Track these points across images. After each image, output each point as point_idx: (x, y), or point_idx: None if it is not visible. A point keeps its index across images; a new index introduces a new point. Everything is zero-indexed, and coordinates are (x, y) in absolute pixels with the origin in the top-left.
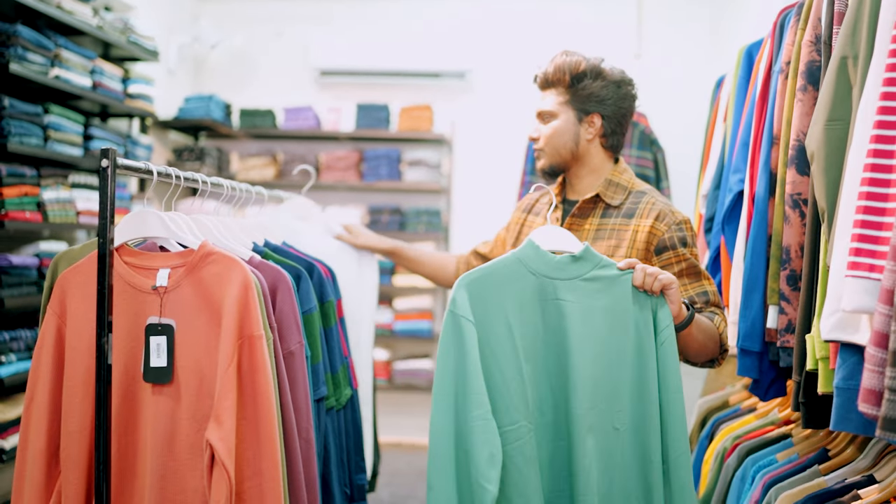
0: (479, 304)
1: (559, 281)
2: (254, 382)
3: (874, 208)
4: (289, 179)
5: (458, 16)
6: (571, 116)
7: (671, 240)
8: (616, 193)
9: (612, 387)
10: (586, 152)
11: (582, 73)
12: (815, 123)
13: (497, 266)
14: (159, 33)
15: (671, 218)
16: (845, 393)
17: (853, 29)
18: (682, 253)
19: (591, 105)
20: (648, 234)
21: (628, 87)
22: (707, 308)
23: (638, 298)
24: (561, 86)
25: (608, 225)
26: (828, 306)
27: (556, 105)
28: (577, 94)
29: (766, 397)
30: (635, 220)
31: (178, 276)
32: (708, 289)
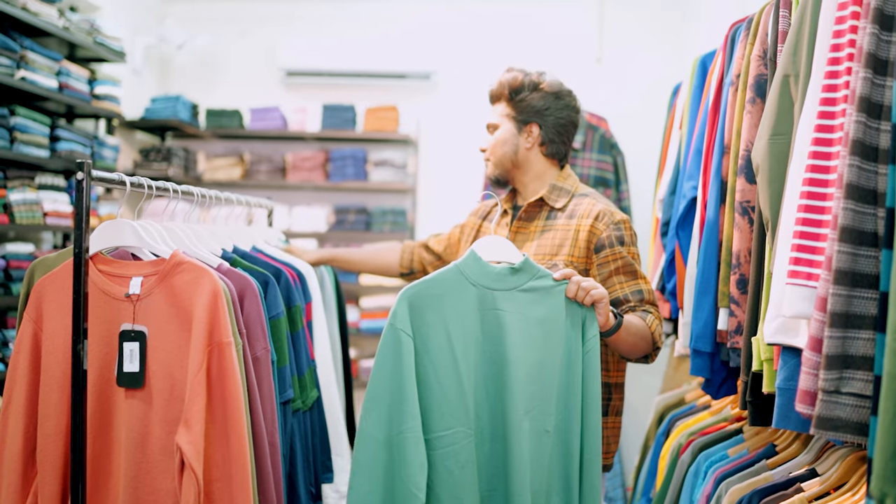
0: (420, 315)
1: (498, 291)
2: (223, 387)
3: (812, 220)
4: (255, 179)
5: (423, 17)
6: (511, 127)
7: (609, 238)
8: (560, 197)
9: (544, 392)
10: (526, 160)
11: (520, 87)
12: (760, 138)
13: (438, 277)
14: (125, 34)
15: (609, 218)
16: (786, 393)
17: (794, 49)
18: (618, 251)
19: (530, 116)
20: (588, 232)
21: (567, 98)
22: (641, 306)
23: (570, 308)
24: (503, 99)
25: (552, 226)
26: (770, 311)
27: (499, 117)
28: (516, 106)
29: (717, 395)
30: (576, 220)
31: (150, 284)
32: (643, 287)
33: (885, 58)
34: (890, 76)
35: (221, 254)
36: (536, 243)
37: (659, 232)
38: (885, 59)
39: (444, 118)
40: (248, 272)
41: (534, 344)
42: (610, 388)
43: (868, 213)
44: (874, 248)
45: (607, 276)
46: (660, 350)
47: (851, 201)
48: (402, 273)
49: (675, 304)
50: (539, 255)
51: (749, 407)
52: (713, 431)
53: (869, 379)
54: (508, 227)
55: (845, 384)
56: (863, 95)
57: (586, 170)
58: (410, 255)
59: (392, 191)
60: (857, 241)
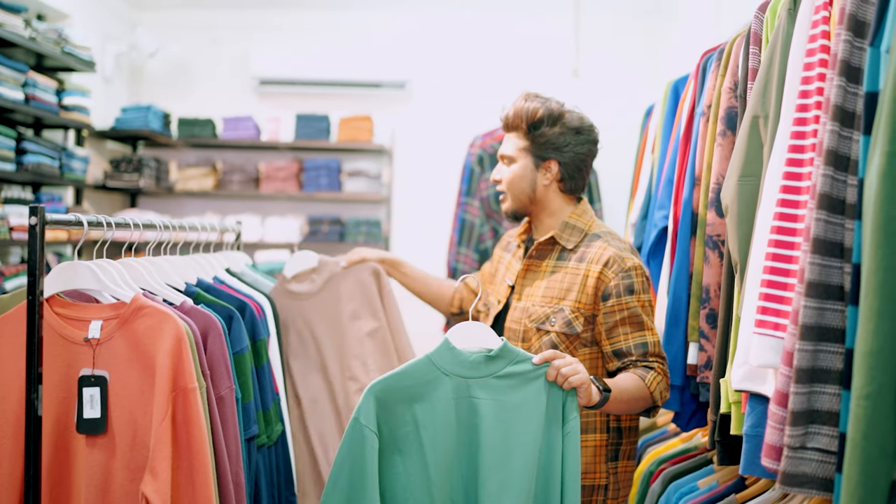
0: (387, 409)
1: (473, 379)
2: (188, 434)
3: (779, 269)
4: (228, 189)
5: (397, 26)
6: (529, 162)
7: (616, 288)
8: (571, 236)
9: (521, 477)
10: (544, 197)
11: (539, 121)
12: (730, 178)
13: (408, 370)
14: (95, 42)
15: (619, 265)
16: (753, 440)
17: (763, 90)
18: (625, 302)
19: (548, 152)
20: (597, 279)
21: (587, 133)
22: (644, 360)
23: (550, 391)
24: (520, 131)
25: (562, 268)
26: (738, 358)
27: (515, 150)
28: (534, 141)
29: (687, 428)
30: (586, 264)
31: (110, 328)
32: (648, 339)
33: (853, 110)
34: (857, 129)
35: (185, 288)
36: (545, 284)
37: None
38: (851, 111)
39: (418, 128)
40: (213, 307)
41: (510, 430)
42: (620, 433)
43: (835, 267)
44: (840, 302)
45: (612, 325)
46: (660, 408)
47: (818, 255)
48: (453, 313)
49: None
50: (547, 298)
51: (717, 447)
52: (684, 460)
53: (834, 434)
54: (521, 262)
55: (811, 439)
56: (830, 148)
57: None
58: (460, 295)
59: (366, 201)
60: (824, 295)
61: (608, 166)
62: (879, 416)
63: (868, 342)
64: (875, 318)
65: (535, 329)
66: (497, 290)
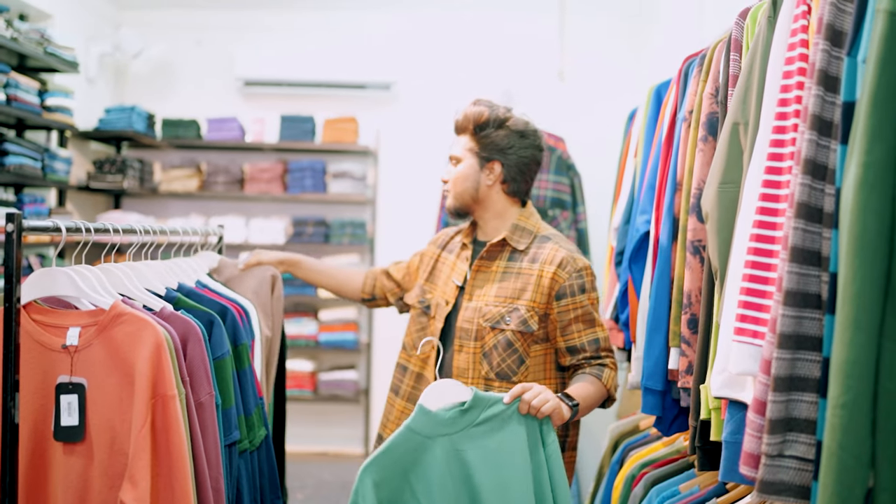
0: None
1: (454, 435)
2: (168, 441)
3: (758, 277)
4: (212, 191)
5: (383, 28)
6: (474, 163)
7: (571, 287)
8: (522, 238)
9: None
10: (487, 197)
11: (485, 123)
12: (710, 185)
13: (393, 444)
14: (78, 42)
15: (572, 266)
16: (732, 447)
17: (744, 97)
18: (578, 300)
19: (493, 153)
20: (551, 280)
21: (531, 137)
22: (597, 355)
23: (527, 423)
24: (468, 133)
25: (514, 268)
26: (717, 365)
27: (463, 151)
28: (480, 142)
29: (668, 433)
30: (539, 265)
31: (88, 335)
32: (599, 335)
33: (830, 119)
34: (834, 139)
35: (165, 293)
36: (498, 285)
37: (613, 261)
38: (829, 120)
39: (404, 129)
40: (193, 312)
41: (501, 471)
42: (567, 426)
43: (812, 276)
44: (818, 311)
45: (566, 323)
46: (615, 400)
47: (795, 264)
48: (364, 298)
49: (629, 335)
50: (501, 298)
51: (698, 452)
52: (666, 464)
53: (812, 442)
54: (469, 263)
55: (788, 447)
56: (808, 157)
57: (543, 191)
58: (373, 281)
59: (351, 202)
60: (802, 303)
61: (592, 169)
62: (855, 426)
63: (844, 352)
64: (851, 328)
65: (489, 328)
66: (443, 290)
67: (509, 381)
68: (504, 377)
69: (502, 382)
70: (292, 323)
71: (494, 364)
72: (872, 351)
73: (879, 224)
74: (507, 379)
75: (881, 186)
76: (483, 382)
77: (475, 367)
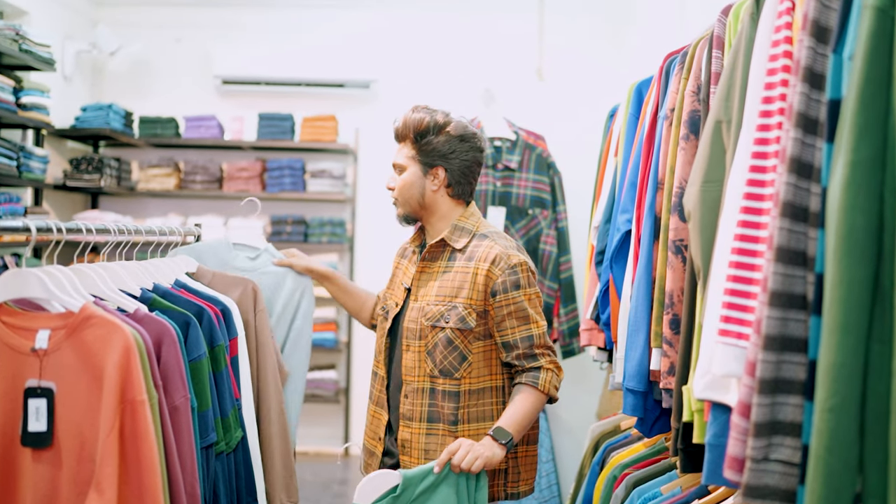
0: None
1: None
2: (137, 448)
3: (743, 278)
4: (191, 189)
5: (363, 26)
6: (417, 170)
7: (503, 284)
8: (461, 237)
9: None
10: (433, 202)
11: (425, 130)
12: (692, 184)
13: None
14: (55, 40)
15: (506, 262)
16: (716, 449)
17: (727, 94)
18: (511, 297)
19: (435, 159)
20: (485, 276)
21: (472, 140)
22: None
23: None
24: (409, 140)
25: (454, 267)
26: (700, 366)
27: (405, 158)
28: (422, 149)
29: (650, 434)
30: (475, 262)
31: (58, 338)
32: (534, 332)
33: (815, 117)
34: (820, 137)
35: (140, 293)
36: (438, 284)
37: (594, 261)
38: (815, 118)
39: (383, 128)
40: (168, 314)
41: None
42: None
43: (798, 277)
44: (804, 312)
45: (501, 319)
46: (556, 400)
47: (781, 264)
48: (373, 324)
49: (610, 336)
50: (440, 297)
51: (680, 454)
52: (648, 465)
53: (797, 446)
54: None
55: (774, 451)
56: (793, 156)
57: (523, 190)
58: (373, 306)
59: (330, 201)
60: (787, 304)
61: (572, 168)
62: (843, 430)
63: (831, 355)
64: (838, 331)
65: (430, 327)
66: (395, 293)
67: (452, 377)
68: (447, 374)
69: (446, 379)
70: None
71: (437, 361)
72: (860, 354)
73: (867, 224)
74: (450, 376)
75: (869, 186)
76: (428, 379)
77: (420, 366)
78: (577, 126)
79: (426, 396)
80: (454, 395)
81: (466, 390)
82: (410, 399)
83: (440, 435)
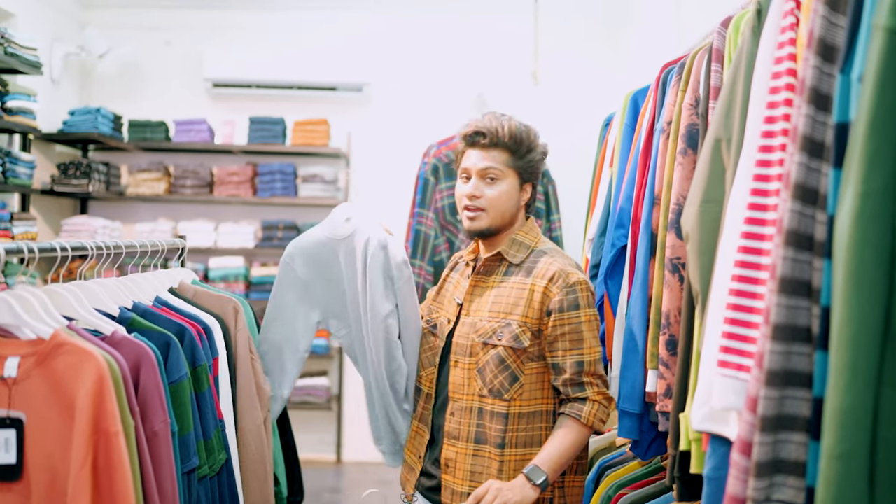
0: None
1: None
2: (111, 481)
3: (744, 307)
4: (181, 194)
5: (355, 29)
6: (516, 182)
7: (560, 303)
8: (518, 252)
9: None
10: (515, 218)
11: (522, 141)
12: (690, 204)
13: None
14: (42, 42)
15: (564, 280)
16: (714, 483)
17: (727, 111)
18: (566, 317)
19: (530, 175)
20: (542, 294)
21: (545, 157)
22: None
23: None
24: (503, 148)
25: (508, 283)
26: (698, 397)
27: (503, 165)
28: (520, 161)
29: (646, 456)
30: (532, 279)
31: (28, 365)
32: (585, 358)
33: (822, 141)
34: (826, 161)
35: (119, 313)
36: (492, 300)
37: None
38: (820, 142)
39: (376, 132)
40: (148, 334)
41: None
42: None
43: (802, 308)
44: (808, 345)
45: (553, 340)
46: (603, 433)
47: (784, 296)
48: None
49: (605, 353)
50: (493, 313)
51: (677, 482)
52: (643, 485)
53: (801, 486)
54: (469, 279)
55: (776, 491)
56: (798, 182)
57: None
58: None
59: (322, 206)
60: (790, 338)
61: (566, 176)
62: (852, 479)
63: (840, 398)
64: (847, 373)
65: (481, 344)
66: (447, 309)
67: (501, 398)
68: (497, 394)
69: (495, 399)
70: None
71: (487, 380)
72: (870, 398)
73: (878, 259)
74: (500, 396)
75: (880, 218)
76: (477, 398)
77: (469, 383)
78: (572, 133)
79: (474, 416)
80: (503, 416)
81: (516, 413)
82: (457, 417)
83: (486, 457)
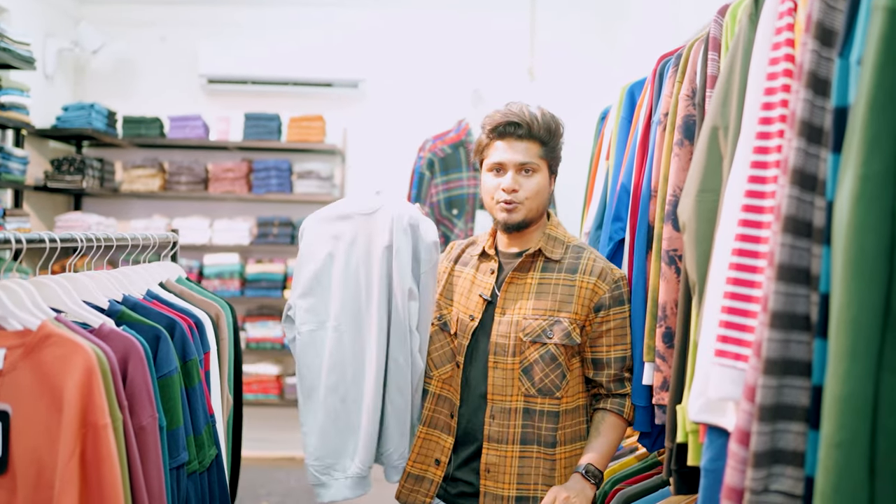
0: None
1: None
2: (99, 474)
3: (741, 295)
4: (175, 191)
5: (351, 25)
6: (547, 174)
7: (609, 299)
8: (556, 248)
9: None
10: (545, 209)
11: (556, 132)
12: (687, 194)
13: None
14: (36, 38)
15: (611, 276)
16: (712, 475)
17: (724, 99)
18: (613, 313)
19: (555, 165)
20: (592, 291)
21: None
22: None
23: None
24: (536, 141)
25: (551, 279)
26: (696, 388)
27: (537, 159)
28: (551, 153)
29: (653, 449)
30: (579, 275)
31: (15, 357)
32: (626, 353)
33: (820, 126)
34: (824, 146)
35: (109, 306)
36: (535, 297)
37: None
38: (819, 127)
39: (371, 128)
40: (137, 327)
41: None
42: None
43: (800, 296)
44: (807, 333)
45: (598, 335)
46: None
47: (782, 283)
48: None
49: None
50: (539, 311)
51: (674, 475)
52: (640, 480)
53: (799, 476)
54: (496, 276)
55: (774, 481)
56: (796, 167)
57: None
58: None
59: (318, 202)
60: (789, 326)
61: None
62: (852, 467)
63: (839, 385)
64: (847, 359)
65: (530, 342)
66: (465, 305)
67: (552, 396)
68: (547, 393)
69: (545, 398)
70: (258, 326)
71: (536, 380)
72: (870, 384)
73: (878, 243)
74: (551, 395)
75: (880, 202)
76: (523, 399)
77: (513, 384)
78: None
79: (519, 417)
80: (554, 415)
81: (565, 410)
82: (499, 420)
83: (534, 457)
